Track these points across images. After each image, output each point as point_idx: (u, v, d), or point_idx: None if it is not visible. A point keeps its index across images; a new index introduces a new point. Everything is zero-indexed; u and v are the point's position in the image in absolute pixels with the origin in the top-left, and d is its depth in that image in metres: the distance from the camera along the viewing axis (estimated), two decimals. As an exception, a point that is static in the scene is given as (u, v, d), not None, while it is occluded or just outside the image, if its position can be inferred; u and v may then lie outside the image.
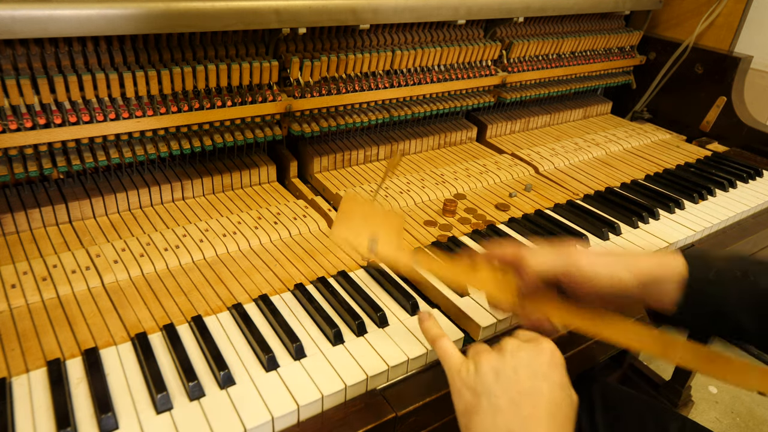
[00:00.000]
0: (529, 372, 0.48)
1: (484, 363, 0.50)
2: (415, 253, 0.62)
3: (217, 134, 0.88)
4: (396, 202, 0.96)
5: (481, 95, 1.19)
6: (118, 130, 0.78)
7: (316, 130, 0.97)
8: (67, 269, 0.72)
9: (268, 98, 0.89)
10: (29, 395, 0.55)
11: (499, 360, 0.50)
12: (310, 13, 0.85)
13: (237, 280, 0.75)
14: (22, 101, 0.71)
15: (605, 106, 1.51)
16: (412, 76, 1.05)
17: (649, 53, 1.46)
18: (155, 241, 0.80)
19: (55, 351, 0.61)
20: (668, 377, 1.59)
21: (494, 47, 1.13)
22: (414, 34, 1.06)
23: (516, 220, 0.95)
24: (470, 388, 0.49)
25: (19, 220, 0.79)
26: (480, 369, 0.49)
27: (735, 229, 1.02)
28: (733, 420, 1.67)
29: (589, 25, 1.35)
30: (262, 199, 0.95)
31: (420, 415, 0.61)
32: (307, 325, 0.68)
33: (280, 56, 0.92)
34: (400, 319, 0.70)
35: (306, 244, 0.84)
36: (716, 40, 1.38)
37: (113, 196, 0.86)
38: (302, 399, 0.57)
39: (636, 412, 0.74)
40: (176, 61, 0.83)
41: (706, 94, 1.37)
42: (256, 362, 0.62)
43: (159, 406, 0.55)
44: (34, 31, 0.67)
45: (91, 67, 0.77)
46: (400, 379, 0.64)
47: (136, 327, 0.65)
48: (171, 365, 0.60)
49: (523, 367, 0.49)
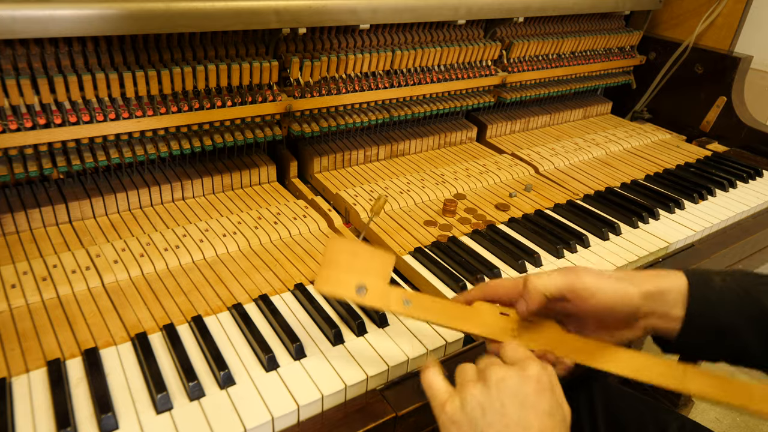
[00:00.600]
0: (516, 403, 0.47)
1: (469, 398, 0.49)
2: (406, 297, 0.58)
3: (217, 134, 0.88)
4: (396, 202, 0.96)
5: (481, 95, 1.19)
6: (118, 130, 0.78)
7: (316, 130, 0.97)
8: (67, 269, 0.72)
9: (268, 98, 0.89)
10: (29, 395, 0.55)
11: (484, 394, 0.48)
12: (310, 13, 0.85)
13: (237, 280, 0.75)
14: (22, 101, 0.71)
15: (605, 106, 1.51)
16: (412, 76, 1.05)
17: (649, 53, 1.46)
18: (155, 241, 0.80)
19: (55, 351, 0.61)
20: (668, 377, 1.59)
21: (494, 47, 1.13)
22: (414, 34, 1.06)
23: (516, 220, 0.95)
24: (456, 424, 0.48)
25: (19, 220, 0.79)
26: (465, 405, 0.48)
27: (735, 229, 1.02)
28: (733, 420, 1.67)
29: (589, 25, 1.35)
30: (262, 199, 0.95)
31: (420, 415, 0.61)
32: (307, 325, 0.68)
33: (280, 56, 0.92)
34: (401, 319, 0.70)
35: (306, 244, 0.84)
36: (716, 40, 1.38)
37: (113, 196, 0.86)
38: (302, 399, 0.57)
39: (637, 412, 0.74)
40: (176, 61, 0.83)
41: (706, 94, 1.37)
42: (256, 362, 0.62)
43: (159, 406, 0.55)
44: (34, 31, 0.67)
45: (91, 67, 0.77)
46: (400, 379, 0.64)
47: (136, 327, 0.65)
48: (171, 365, 0.60)
49: (509, 398, 0.48)
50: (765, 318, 0.55)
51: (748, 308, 0.55)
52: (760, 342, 0.55)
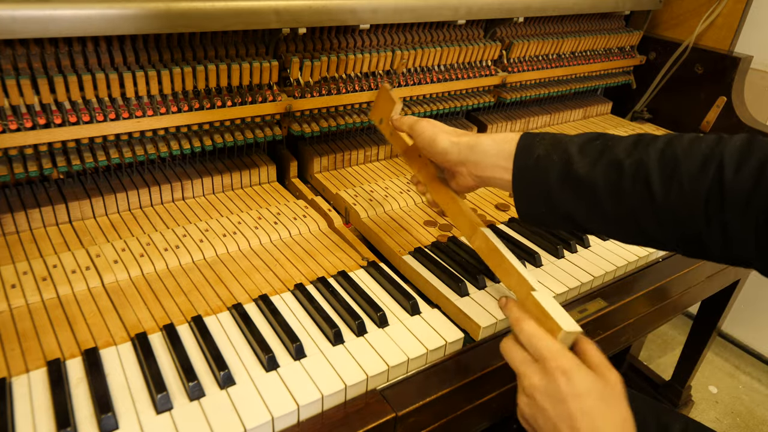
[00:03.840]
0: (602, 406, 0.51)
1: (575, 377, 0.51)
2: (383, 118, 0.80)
3: (217, 134, 0.88)
4: (396, 202, 0.96)
5: (481, 95, 1.19)
6: (118, 130, 0.78)
7: (316, 130, 0.97)
8: (67, 269, 0.72)
9: (268, 98, 0.89)
10: (29, 395, 0.55)
11: None
12: (310, 13, 0.85)
13: (237, 280, 0.75)
14: (22, 101, 0.71)
15: (605, 106, 1.51)
16: (412, 76, 1.05)
17: (649, 53, 1.46)
18: (155, 241, 0.79)
19: (55, 351, 0.61)
20: (668, 377, 1.59)
21: (494, 47, 1.13)
22: (414, 34, 1.06)
23: (516, 220, 0.95)
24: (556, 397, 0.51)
25: (19, 220, 0.79)
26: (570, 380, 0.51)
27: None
28: (734, 420, 1.67)
29: (589, 25, 1.35)
30: (262, 199, 0.95)
31: (420, 415, 0.61)
32: (307, 325, 0.68)
33: (280, 56, 0.92)
34: (400, 319, 0.70)
35: (306, 244, 0.84)
36: (716, 40, 1.38)
37: (113, 196, 0.86)
38: (302, 399, 0.57)
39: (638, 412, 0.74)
40: (176, 61, 0.83)
41: (706, 94, 1.37)
42: (256, 362, 0.62)
43: (159, 406, 0.55)
44: (34, 31, 0.67)
45: (91, 67, 0.77)
46: (400, 379, 0.64)
47: (136, 327, 0.65)
48: (171, 365, 0.60)
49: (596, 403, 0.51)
50: (579, 184, 0.56)
51: (564, 176, 0.57)
52: (582, 211, 0.58)
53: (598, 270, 0.84)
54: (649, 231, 0.55)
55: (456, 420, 0.66)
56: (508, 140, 0.62)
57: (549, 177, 0.58)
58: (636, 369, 1.67)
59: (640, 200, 0.54)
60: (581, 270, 0.84)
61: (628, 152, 0.55)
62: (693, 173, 0.51)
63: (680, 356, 1.53)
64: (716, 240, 0.51)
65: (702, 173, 0.51)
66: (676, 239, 0.54)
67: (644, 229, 0.55)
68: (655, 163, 0.53)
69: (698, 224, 0.51)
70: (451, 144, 0.66)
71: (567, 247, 0.88)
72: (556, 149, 0.59)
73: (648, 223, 0.54)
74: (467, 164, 0.65)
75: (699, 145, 0.52)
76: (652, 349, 1.91)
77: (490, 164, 0.63)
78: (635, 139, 0.56)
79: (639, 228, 0.55)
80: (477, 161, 0.64)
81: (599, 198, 0.55)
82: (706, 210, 0.50)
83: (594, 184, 0.55)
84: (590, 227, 0.59)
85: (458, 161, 0.65)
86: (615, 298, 0.82)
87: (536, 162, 0.59)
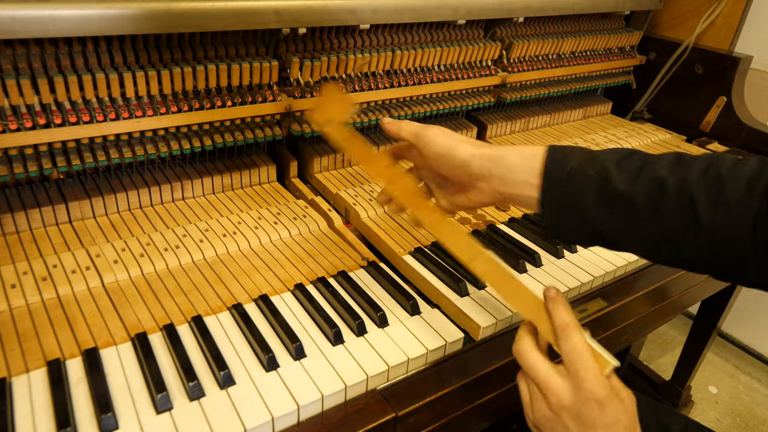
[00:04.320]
0: None
1: None
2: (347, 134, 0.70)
3: (217, 134, 0.88)
4: (396, 202, 0.96)
5: (481, 95, 1.19)
6: (118, 130, 0.78)
7: (316, 130, 0.97)
8: (67, 269, 0.72)
9: (268, 98, 0.89)
10: (29, 395, 0.55)
11: None
12: (310, 13, 0.85)
13: (237, 280, 0.75)
14: (22, 101, 0.71)
15: (605, 106, 1.51)
16: (412, 76, 1.05)
17: (649, 53, 1.46)
18: (155, 241, 0.79)
19: (55, 351, 0.61)
20: (668, 377, 1.59)
21: (494, 47, 1.13)
22: (414, 34, 1.06)
23: (516, 220, 0.95)
24: None
25: (19, 220, 0.79)
26: None
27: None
28: (734, 420, 1.67)
29: (589, 25, 1.35)
30: (262, 199, 0.95)
31: (420, 415, 0.61)
32: (307, 325, 0.68)
33: (280, 56, 0.92)
34: (400, 319, 0.70)
35: (306, 244, 0.84)
36: (716, 40, 1.38)
37: (113, 196, 0.86)
38: (302, 399, 0.57)
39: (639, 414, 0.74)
40: (176, 61, 0.83)
41: (706, 94, 1.37)
42: (256, 362, 0.62)
43: (159, 406, 0.55)
44: (34, 31, 0.67)
45: (91, 67, 0.77)
46: (400, 379, 0.64)
47: (136, 327, 0.65)
48: (171, 365, 0.60)
49: None
50: (618, 199, 0.54)
51: (600, 191, 0.55)
52: (615, 226, 0.55)
53: (598, 270, 0.84)
54: (684, 252, 0.53)
55: (456, 420, 0.66)
56: (535, 155, 0.58)
57: (584, 193, 0.55)
58: (636, 369, 1.68)
59: (683, 221, 0.52)
60: (581, 270, 0.84)
61: (670, 170, 0.53)
62: (738, 197, 0.50)
63: (680, 356, 1.53)
64: (760, 264, 0.50)
65: (749, 197, 0.49)
66: (714, 262, 0.52)
67: (680, 249, 0.53)
68: (700, 184, 0.51)
69: (743, 249, 0.50)
70: (473, 156, 0.60)
71: (567, 247, 0.88)
72: (591, 164, 0.56)
73: (686, 243, 0.52)
74: (490, 179, 0.60)
75: (743, 168, 0.51)
76: (652, 349, 1.92)
77: (518, 181, 0.58)
78: (676, 157, 0.54)
79: (674, 248, 0.53)
80: (502, 176, 0.59)
81: (638, 215, 0.53)
82: (754, 235, 0.49)
83: (633, 201, 0.53)
84: (621, 245, 0.57)
85: (480, 175, 0.60)
86: (615, 298, 0.83)
87: (569, 176, 0.56)
